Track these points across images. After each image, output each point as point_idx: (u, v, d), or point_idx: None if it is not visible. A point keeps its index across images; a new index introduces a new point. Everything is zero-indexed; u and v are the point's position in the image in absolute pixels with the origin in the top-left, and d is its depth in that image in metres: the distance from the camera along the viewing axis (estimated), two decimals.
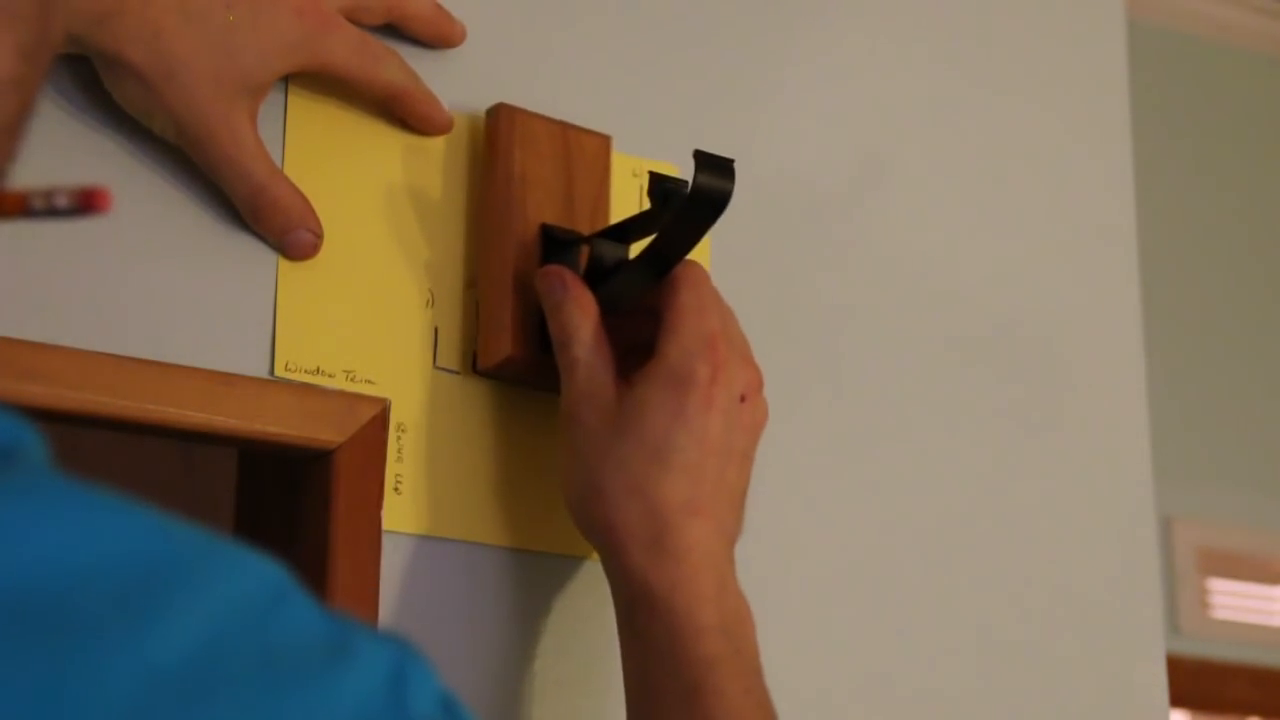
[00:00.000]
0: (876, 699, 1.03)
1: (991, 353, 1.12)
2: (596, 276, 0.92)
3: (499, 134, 0.95)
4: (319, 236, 0.91)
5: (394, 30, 0.96)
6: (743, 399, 0.89)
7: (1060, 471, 1.13)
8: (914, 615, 1.05)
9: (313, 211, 0.90)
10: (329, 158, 0.93)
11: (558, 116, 0.96)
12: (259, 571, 0.53)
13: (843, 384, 1.07)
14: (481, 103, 0.96)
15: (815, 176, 1.09)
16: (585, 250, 0.94)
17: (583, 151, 0.96)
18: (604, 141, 0.98)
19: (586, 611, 0.95)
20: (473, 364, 0.94)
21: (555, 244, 0.93)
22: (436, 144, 0.96)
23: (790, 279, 1.06)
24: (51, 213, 0.53)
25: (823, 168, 1.10)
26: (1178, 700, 1.26)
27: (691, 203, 0.86)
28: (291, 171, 0.91)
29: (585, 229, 0.95)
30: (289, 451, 0.90)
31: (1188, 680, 3.13)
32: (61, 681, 0.47)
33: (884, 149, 1.12)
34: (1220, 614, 3.34)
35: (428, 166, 0.96)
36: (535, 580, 0.94)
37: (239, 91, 0.87)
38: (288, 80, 0.92)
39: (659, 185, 0.90)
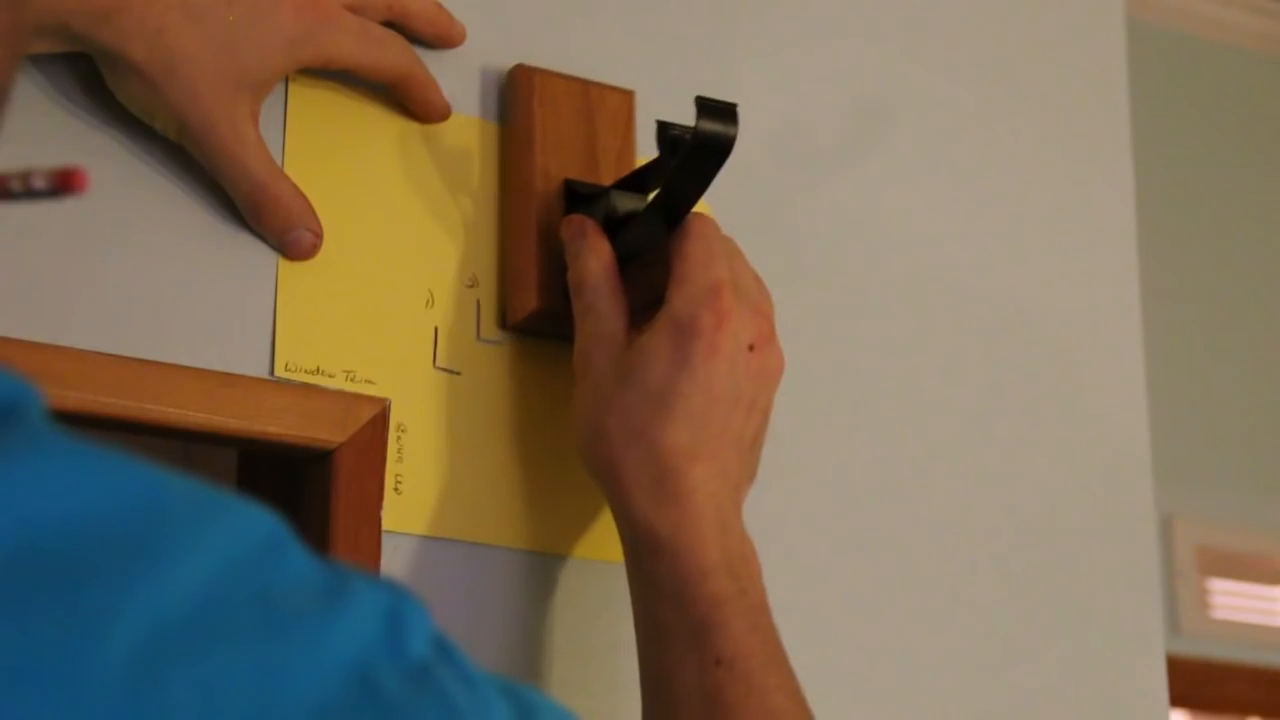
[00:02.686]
0: (875, 698, 1.03)
1: (991, 353, 1.12)
2: (613, 227, 0.93)
3: (518, 93, 0.96)
4: (319, 236, 0.91)
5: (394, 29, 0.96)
6: (751, 348, 0.89)
7: (1060, 471, 1.12)
8: (912, 614, 1.05)
9: (313, 211, 0.90)
10: (329, 157, 0.93)
11: (582, 75, 0.97)
12: (256, 520, 0.54)
13: (837, 384, 1.07)
14: (506, 62, 0.97)
15: (802, 157, 1.09)
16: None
17: (605, 107, 0.98)
18: (627, 97, 0.99)
19: (588, 612, 0.95)
20: (502, 321, 0.95)
21: (578, 198, 0.94)
22: (437, 144, 0.96)
23: (791, 280, 1.06)
24: (29, 194, 0.53)
25: (811, 155, 1.10)
26: (1178, 700, 1.26)
27: (695, 149, 0.87)
28: (292, 171, 0.91)
29: (610, 183, 0.95)
30: (289, 451, 0.90)
31: (1188, 680, 3.13)
32: (70, 633, 0.48)
33: (882, 149, 1.12)
34: (1220, 614, 3.34)
35: (428, 167, 0.96)
36: (536, 580, 0.94)
37: (241, 89, 0.87)
38: (288, 79, 0.92)
39: (666, 133, 0.91)
